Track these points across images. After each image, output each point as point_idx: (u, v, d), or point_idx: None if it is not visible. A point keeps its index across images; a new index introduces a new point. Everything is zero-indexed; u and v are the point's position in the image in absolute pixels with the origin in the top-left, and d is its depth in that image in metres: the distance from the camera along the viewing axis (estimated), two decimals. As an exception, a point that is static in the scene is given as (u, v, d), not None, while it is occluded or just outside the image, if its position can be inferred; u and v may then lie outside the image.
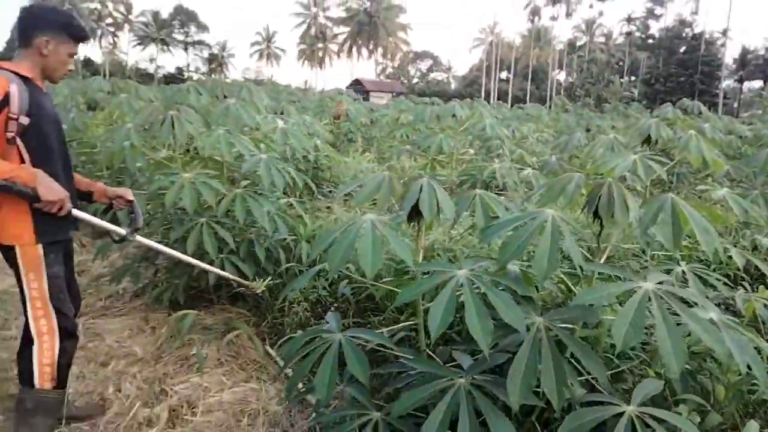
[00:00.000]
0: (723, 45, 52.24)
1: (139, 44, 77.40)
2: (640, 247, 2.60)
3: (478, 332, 1.47)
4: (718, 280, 2.38)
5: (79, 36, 2.20)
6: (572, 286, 1.86)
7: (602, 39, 67.98)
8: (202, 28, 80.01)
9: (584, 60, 61.54)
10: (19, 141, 2.01)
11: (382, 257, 1.63)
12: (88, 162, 5.34)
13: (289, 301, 3.24)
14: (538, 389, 1.51)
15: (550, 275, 1.54)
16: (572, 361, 1.72)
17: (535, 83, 65.48)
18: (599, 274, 1.83)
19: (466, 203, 1.84)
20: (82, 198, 2.42)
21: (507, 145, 5.37)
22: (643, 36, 61.20)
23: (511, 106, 17.46)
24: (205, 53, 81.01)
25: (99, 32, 71.61)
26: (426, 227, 1.80)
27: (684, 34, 53.95)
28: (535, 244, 1.58)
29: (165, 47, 78.30)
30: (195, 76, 75.24)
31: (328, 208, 4.44)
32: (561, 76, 68.09)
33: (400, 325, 1.94)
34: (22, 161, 2.05)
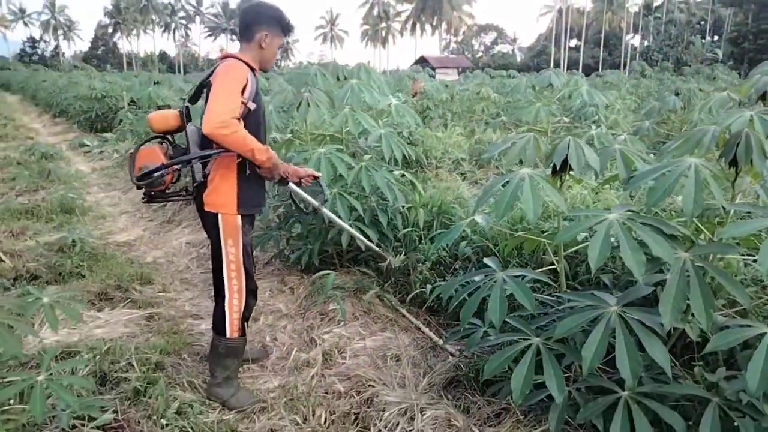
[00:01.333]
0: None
1: (209, 35, 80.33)
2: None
3: (632, 264, 1.72)
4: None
5: (289, 30, 2.51)
6: (703, 228, 2.05)
7: (681, -3, 63.77)
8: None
9: (661, 21, 58.06)
10: (242, 122, 2.31)
11: (541, 205, 1.89)
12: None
13: (411, 263, 3.59)
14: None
15: (697, 214, 1.75)
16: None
17: (608, 49, 62.54)
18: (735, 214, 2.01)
19: (608, 157, 2.07)
20: None
21: (602, 111, 5.43)
22: (729, -10, 56.90)
23: (585, 74, 17.04)
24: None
25: (173, 26, 74.86)
26: (576, 180, 2.04)
27: (776, -15, 49.63)
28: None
29: (234, 37, 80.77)
30: (263, 64, 77.07)
31: (437, 176, 4.73)
32: (635, 40, 64.65)
33: (544, 268, 2.21)
34: None
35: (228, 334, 2.52)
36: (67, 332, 3.18)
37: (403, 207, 3.88)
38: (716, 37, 58.25)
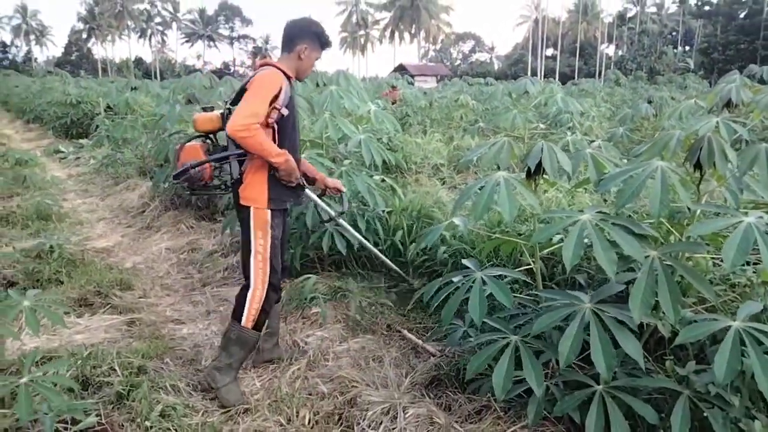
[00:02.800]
0: (787, 7, 49.29)
1: (186, 41, 79.72)
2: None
3: (604, 263, 1.80)
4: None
5: (327, 45, 2.72)
6: (673, 230, 2.14)
7: (654, 9, 65.43)
8: (246, 22, 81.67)
9: (635, 32, 59.41)
10: (276, 126, 2.52)
11: (516, 206, 1.96)
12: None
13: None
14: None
15: (663, 215, 1.84)
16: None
17: (583, 59, 63.71)
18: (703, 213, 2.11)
19: (580, 160, 2.16)
20: (308, 182, 2.93)
21: (576, 118, 5.58)
22: (699, 3, 58.47)
23: (561, 83, 17.43)
24: (250, 47, 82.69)
25: (149, 32, 74.11)
26: (550, 183, 2.12)
27: (743, -2, 51.19)
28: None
29: (211, 43, 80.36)
30: (241, 70, 76.98)
31: (417, 181, 4.80)
32: (610, 50, 66.02)
33: (520, 269, 2.28)
34: (273, 141, 2.55)
35: (243, 322, 2.61)
36: (47, 338, 3.16)
37: (383, 212, 3.94)
38: (687, 48, 59.83)
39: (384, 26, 70.09)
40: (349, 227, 3.06)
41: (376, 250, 3.23)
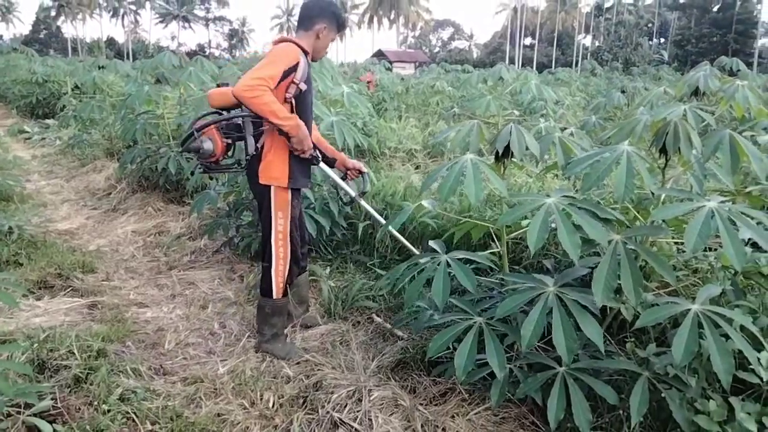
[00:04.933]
0: (759, 2, 50.32)
1: (160, 22, 77.77)
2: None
3: (568, 246, 1.79)
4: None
5: (343, 27, 2.75)
6: (638, 216, 2.15)
7: (631, 0, 66.05)
8: (223, 3, 79.94)
9: (612, 23, 59.94)
10: (293, 102, 2.53)
11: (483, 189, 1.94)
12: (155, 134, 5.74)
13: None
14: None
15: (627, 199, 1.84)
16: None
17: (561, 48, 64.18)
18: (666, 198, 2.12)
19: (548, 144, 2.15)
20: (327, 163, 2.93)
21: (551, 106, 5.59)
22: (674, -5, 59.27)
23: (538, 72, 17.53)
24: (226, 29, 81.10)
25: (121, 11, 72.09)
26: (518, 167, 2.10)
27: (717, -8, 52.02)
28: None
29: (186, 24, 78.55)
30: (216, 53, 75.56)
31: (390, 166, 4.76)
32: (587, 40, 66.53)
33: (485, 252, 2.27)
34: None
35: (274, 296, 2.78)
36: (2, 321, 3.05)
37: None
38: (662, 40, 60.69)
39: (363, 11, 69.43)
40: (370, 208, 3.01)
41: (395, 232, 3.21)
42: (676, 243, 2.41)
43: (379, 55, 49.86)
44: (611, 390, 1.85)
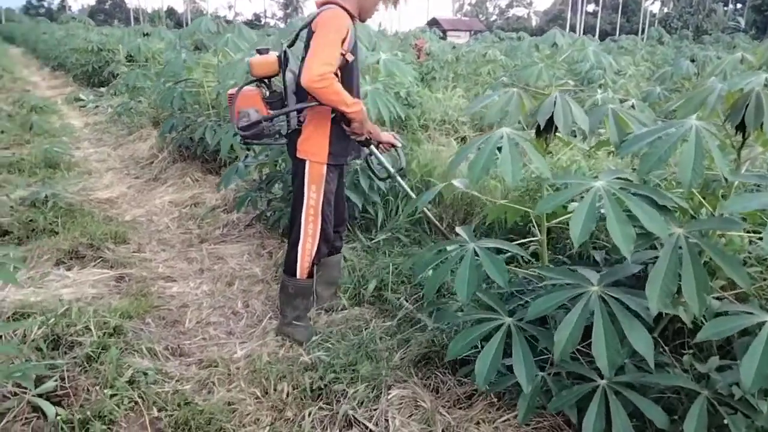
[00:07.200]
0: None
1: (218, -9, 78.45)
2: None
3: (619, 239, 1.51)
4: None
5: None
6: (705, 202, 1.83)
7: (705, -38, 61.40)
8: (279, -28, 79.76)
9: (683, -13, 56.04)
10: (339, 73, 2.28)
11: (521, 168, 1.67)
12: (195, 102, 5.65)
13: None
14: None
15: (696, 185, 1.53)
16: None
17: (626, 15, 60.61)
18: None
19: (600, 117, 1.84)
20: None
21: (609, 75, 5.12)
22: (755, -45, 54.61)
23: (601, 40, 16.40)
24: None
25: (181, -19, 73.10)
26: (565, 144, 1.82)
27: (806, -49, 47.45)
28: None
29: (243, -7, 78.90)
30: (272, 22, 75.82)
31: (431, 138, 4.49)
32: (655, 6, 62.61)
33: (523, 240, 2.00)
34: None
35: (298, 275, 2.64)
36: (33, 290, 3.04)
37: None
38: (739, 5, 56.27)
39: (418, -23, 67.62)
40: (404, 185, 2.82)
41: (428, 212, 2.99)
42: (748, 233, 2.06)
43: (434, 23, 48.68)
44: (661, 411, 1.58)
